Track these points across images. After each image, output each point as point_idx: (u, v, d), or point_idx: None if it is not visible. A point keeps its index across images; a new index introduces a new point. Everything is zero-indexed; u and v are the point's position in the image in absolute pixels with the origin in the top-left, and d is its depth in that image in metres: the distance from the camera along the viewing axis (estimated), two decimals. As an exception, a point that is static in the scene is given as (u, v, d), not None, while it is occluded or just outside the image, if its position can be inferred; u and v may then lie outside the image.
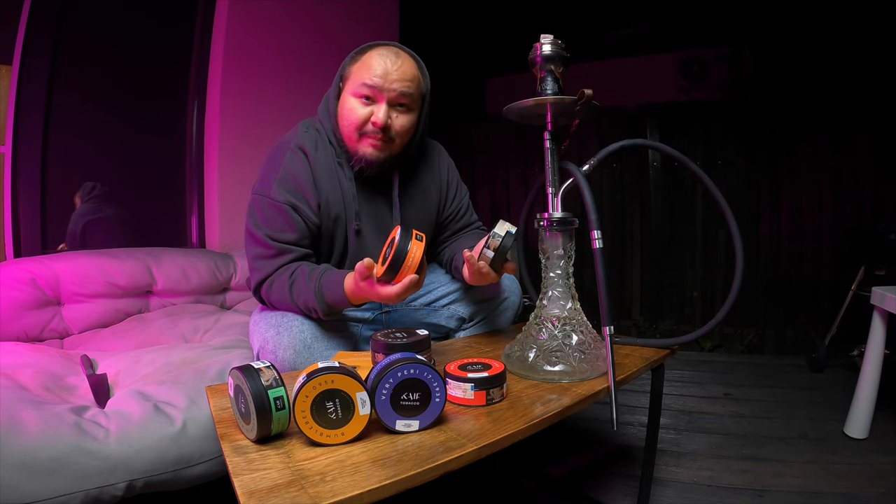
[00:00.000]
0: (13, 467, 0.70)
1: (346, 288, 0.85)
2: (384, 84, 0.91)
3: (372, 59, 0.92)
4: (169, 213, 2.09)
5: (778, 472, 1.27)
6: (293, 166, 0.95)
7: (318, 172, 0.97)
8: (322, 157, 0.98)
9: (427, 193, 1.10)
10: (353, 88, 0.93)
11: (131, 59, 1.92)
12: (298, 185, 0.95)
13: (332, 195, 0.98)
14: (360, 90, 0.92)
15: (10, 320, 1.28)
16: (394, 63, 0.92)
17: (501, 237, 0.82)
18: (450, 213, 1.14)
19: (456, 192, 1.15)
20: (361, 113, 0.93)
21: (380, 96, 0.92)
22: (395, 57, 0.93)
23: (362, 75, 0.92)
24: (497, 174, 3.09)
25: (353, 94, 0.93)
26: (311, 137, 0.99)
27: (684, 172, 2.56)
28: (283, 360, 0.86)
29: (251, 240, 0.95)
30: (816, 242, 2.35)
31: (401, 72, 0.92)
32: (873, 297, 1.41)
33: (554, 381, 0.79)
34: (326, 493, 0.46)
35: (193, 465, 0.84)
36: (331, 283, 0.87)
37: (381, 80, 0.91)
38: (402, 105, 0.95)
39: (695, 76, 2.76)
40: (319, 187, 0.97)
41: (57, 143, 1.67)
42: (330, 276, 0.89)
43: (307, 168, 0.96)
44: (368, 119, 0.93)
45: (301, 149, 0.97)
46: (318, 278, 0.89)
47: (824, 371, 2.04)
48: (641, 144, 0.93)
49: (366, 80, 0.91)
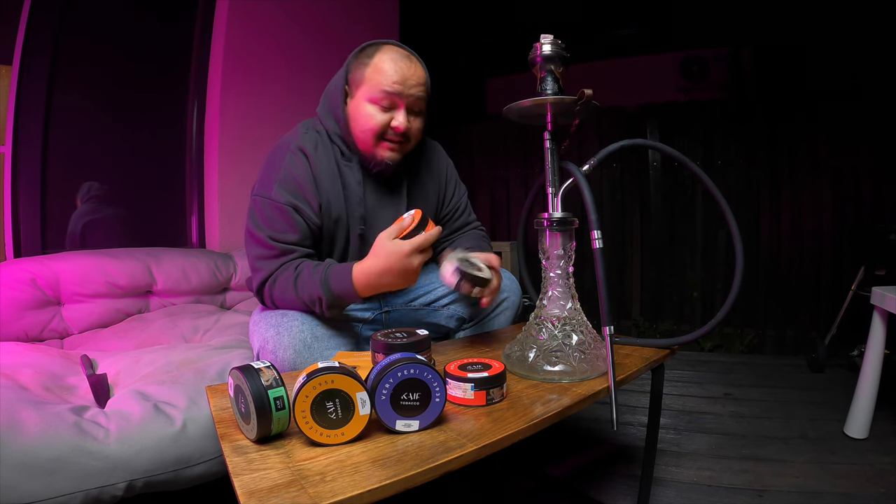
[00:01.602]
0: (13, 467, 0.70)
1: (355, 277, 0.86)
2: (403, 91, 0.92)
3: (385, 65, 0.93)
4: (169, 213, 2.09)
5: (778, 472, 1.27)
6: (294, 167, 0.95)
7: (318, 173, 0.97)
8: (322, 157, 0.98)
9: (427, 191, 1.10)
10: (370, 95, 0.93)
11: (131, 59, 1.92)
12: (299, 185, 0.95)
13: (334, 196, 0.98)
14: (379, 97, 0.93)
15: (10, 320, 1.28)
16: (409, 68, 0.93)
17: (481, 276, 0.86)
18: (448, 211, 1.15)
19: (454, 191, 1.16)
20: (381, 119, 0.94)
21: (399, 102, 0.94)
22: (408, 61, 0.94)
23: (380, 81, 0.92)
24: (497, 174, 3.10)
25: (370, 101, 0.94)
26: (312, 139, 0.99)
27: (684, 172, 2.56)
28: (283, 360, 0.86)
29: (252, 241, 0.95)
30: (816, 242, 2.35)
31: (416, 77, 0.94)
32: (873, 297, 1.41)
33: (554, 381, 0.79)
34: (326, 493, 0.46)
35: (193, 465, 0.84)
36: (338, 273, 0.88)
37: (400, 86, 0.92)
38: (418, 109, 0.97)
39: (695, 76, 2.76)
40: (320, 188, 0.97)
41: (57, 143, 1.67)
42: (337, 266, 0.90)
43: (307, 169, 0.96)
44: (387, 125, 0.94)
45: (301, 150, 0.97)
46: (325, 269, 0.90)
47: (824, 371, 2.04)
48: (641, 144, 0.93)
49: (385, 87, 0.92)
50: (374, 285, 0.87)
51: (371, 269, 0.86)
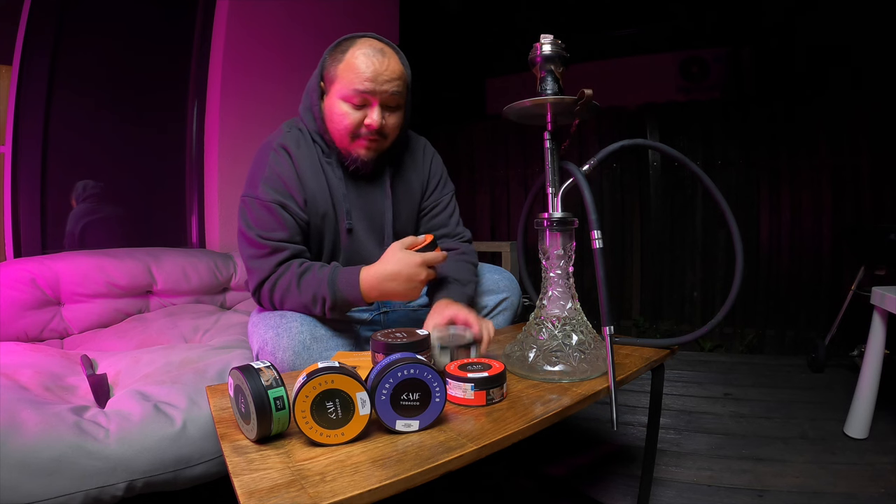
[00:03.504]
0: (13, 467, 0.69)
1: (363, 279, 0.88)
2: (375, 87, 0.91)
3: (358, 60, 0.91)
4: (169, 213, 2.09)
5: (778, 472, 1.27)
6: (278, 165, 0.96)
7: (301, 170, 0.97)
8: (305, 154, 0.99)
9: (410, 185, 1.10)
10: (343, 93, 0.93)
11: (131, 59, 1.92)
12: (284, 182, 0.95)
13: (319, 192, 0.98)
14: (351, 95, 0.92)
15: (10, 320, 1.28)
16: (381, 63, 0.91)
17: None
18: (428, 204, 1.13)
19: (437, 185, 1.14)
20: (354, 118, 0.93)
21: (372, 100, 0.92)
22: (381, 56, 0.92)
23: (351, 80, 0.91)
24: (497, 174, 3.10)
25: (343, 99, 0.93)
26: (294, 137, 1.00)
27: (684, 172, 2.56)
28: (282, 361, 0.86)
29: (244, 241, 0.96)
30: (816, 242, 2.35)
31: (390, 72, 0.92)
32: (873, 297, 1.41)
33: (554, 381, 0.79)
34: (326, 493, 0.46)
35: (193, 465, 0.84)
36: (346, 275, 0.89)
37: (372, 83, 0.91)
38: (394, 104, 0.95)
39: (695, 76, 2.75)
40: (304, 184, 0.97)
41: (57, 142, 1.67)
42: (345, 268, 0.91)
43: (291, 166, 0.97)
44: (362, 122, 0.93)
45: (283, 147, 0.98)
46: (333, 269, 0.91)
47: (824, 371, 2.04)
48: (641, 144, 0.93)
49: (356, 85, 0.91)
50: (380, 290, 0.88)
51: (379, 273, 0.87)
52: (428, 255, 0.88)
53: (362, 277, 0.88)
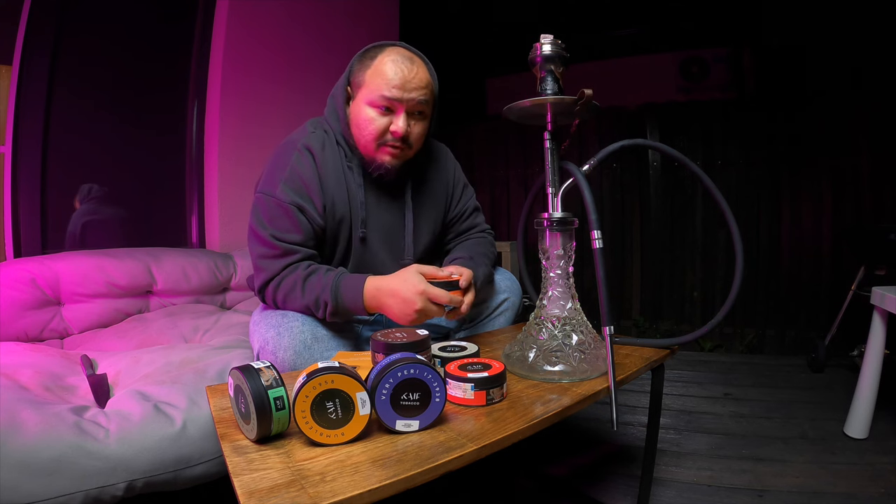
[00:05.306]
0: (13, 467, 0.70)
1: (366, 289, 0.87)
2: (403, 95, 0.90)
3: (386, 67, 0.91)
4: (169, 213, 2.09)
5: (778, 472, 1.27)
6: (300, 166, 0.94)
7: (324, 173, 0.96)
8: (329, 157, 0.97)
9: (435, 195, 1.09)
10: (370, 98, 0.92)
11: (131, 59, 1.92)
12: (304, 185, 0.94)
13: (339, 197, 0.97)
14: (378, 101, 0.91)
15: (10, 320, 1.28)
16: (410, 71, 0.90)
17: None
18: (455, 213, 1.14)
19: (462, 194, 1.15)
20: (380, 123, 0.92)
21: (399, 106, 0.92)
22: (410, 63, 0.91)
23: (379, 85, 0.90)
24: (497, 174, 3.10)
25: (370, 104, 0.92)
26: (319, 138, 0.98)
27: (684, 172, 2.56)
28: (283, 360, 0.86)
29: (255, 239, 0.94)
30: (816, 242, 2.35)
31: (418, 80, 0.91)
32: (873, 297, 1.41)
33: (554, 381, 0.79)
34: (326, 493, 0.46)
35: (193, 465, 0.84)
36: (350, 282, 0.89)
37: (399, 91, 0.90)
38: (420, 112, 0.95)
39: (695, 76, 2.75)
40: (326, 188, 0.96)
41: (57, 142, 1.67)
42: (350, 275, 0.91)
43: (314, 168, 0.95)
44: (387, 129, 0.93)
45: (308, 149, 0.96)
46: (338, 276, 0.90)
47: (824, 371, 2.04)
48: (641, 144, 0.93)
49: (383, 91, 0.90)
50: (379, 302, 0.87)
51: (382, 286, 0.86)
52: (432, 290, 0.84)
53: (366, 286, 0.88)
